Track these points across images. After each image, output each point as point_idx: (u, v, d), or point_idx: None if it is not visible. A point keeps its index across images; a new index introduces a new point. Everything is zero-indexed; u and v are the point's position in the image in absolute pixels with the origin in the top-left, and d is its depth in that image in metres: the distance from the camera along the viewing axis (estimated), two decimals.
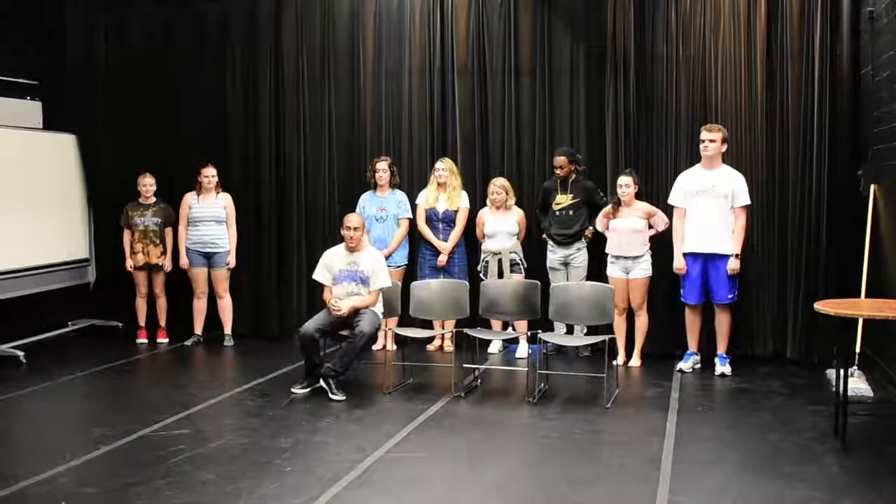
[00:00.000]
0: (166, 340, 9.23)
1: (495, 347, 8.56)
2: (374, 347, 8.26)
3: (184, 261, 9.09)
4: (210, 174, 9.04)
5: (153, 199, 9.20)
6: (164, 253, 9.20)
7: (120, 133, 9.82)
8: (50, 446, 5.83)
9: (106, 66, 9.84)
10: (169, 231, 9.22)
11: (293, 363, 8.13)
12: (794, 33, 7.92)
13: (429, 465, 5.39)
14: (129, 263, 9.18)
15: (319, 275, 7.37)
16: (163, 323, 9.32)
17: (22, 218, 8.87)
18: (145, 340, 9.24)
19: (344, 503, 4.77)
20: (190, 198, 9.10)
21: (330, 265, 7.35)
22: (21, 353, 8.37)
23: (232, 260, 9.14)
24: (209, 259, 9.07)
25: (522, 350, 8.33)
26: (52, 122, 9.59)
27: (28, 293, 8.96)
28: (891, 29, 6.93)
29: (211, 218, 9.02)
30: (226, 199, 9.14)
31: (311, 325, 7.09)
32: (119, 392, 7.35)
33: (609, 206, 7.94)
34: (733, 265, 7.49)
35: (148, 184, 9.16)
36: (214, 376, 7.90)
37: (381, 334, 8.21)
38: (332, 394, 6.79)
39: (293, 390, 6.97)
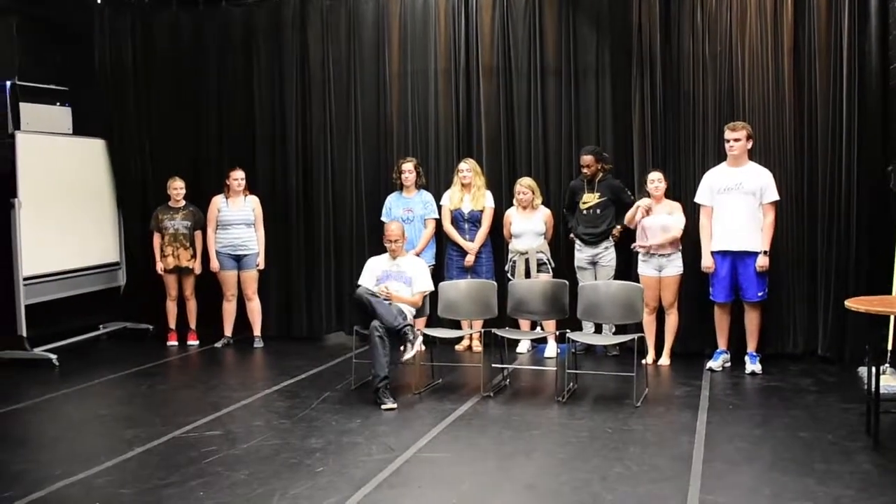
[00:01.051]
0: (196, 343, 9.31)
1: (524, 347, 8.56)
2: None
3: (214, 264, 9.15)
4: (239, 177, 9.10)
5: (183, 203, 9.28)
6: (194, 256, 9.27)
7: (148, 137, 9.95)
8: (84, 448, 5.93)
9: (134, 72, 9.95)
10: (199, 234, 9.29)
11: (322, 364, 8.21)
12: (822, 29, 7.84)
13: (459, 465, 5.41)
14: (160, 267, 9.26)
15: (364, 279, 7.47)
16: (193, 325, 9.39)
17: (54, 223, 8.99)
18: (176, 343, 9.32)
19: (375, 503, 4.80)
20: (219, 201, 9.16)
21: (374, 269, 7.49)
22: (54, 357, 8.47)
23: (261, 262, 9.20)
24: (238, 261, 9.13)
25: (551, 349, 8.33)
26: (81, 128, 9.68)
27: (60, 297, 9.07)
28: None
29: (240, 221, 9.09)
30: (254, 202, 9.20)
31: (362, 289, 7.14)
32: (151, 394, 7.41)
33: (648, 200, 7.89)
34: (762, 262, 7.45)
35: (178, 187, 9.24)
36: (244, 378, 7.95)
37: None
38: (384, 403, 6.66)
39: (384, 408, 6.65)
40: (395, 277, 7.36)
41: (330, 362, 8.33)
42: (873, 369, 5.63)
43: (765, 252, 7.47)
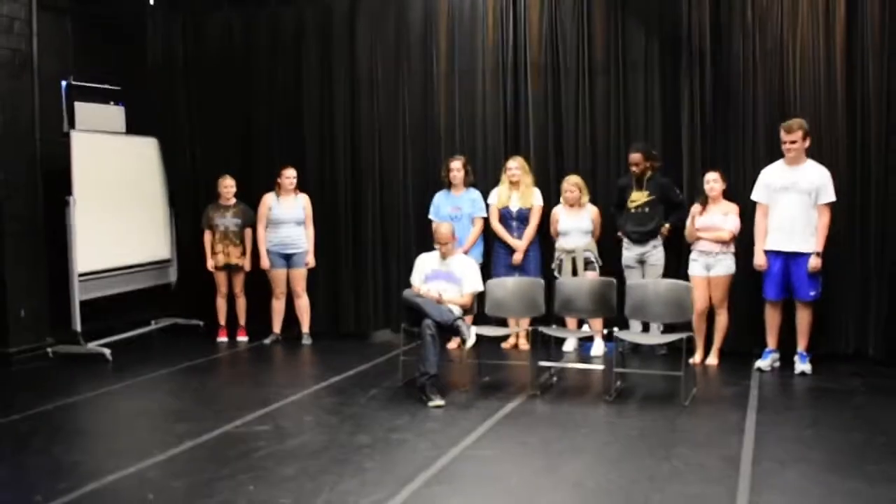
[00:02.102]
0: (246, 339, 9.42)
1: (571, 345, 8.55)
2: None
3: (265, 262, 9.23)
4: (291, 175, 9.18)
5: (233, 201, 9.39)
6: (243, 253, 9.38)
7: (199, 135, 10.10)
8: (137, 442, 6.05)
9: (185, 70, 10.11)
10: (248, 232, 9.39)
11: (370, 361, 8.27)
12: (875, 26, 7.71)
13: (506, 463, 5.42)
14: (210, 263, 9.38)
15: (414, 277, 7.55)
16: (243, 322, 9.51)
17: (108, 220, 9.15)
18: (226, 339, 9.44)
19: (423, 500, 4.83)
20: (269, 199, 9.24)
21: (422, 267, 7.53)
22: (108, 351, 8.62)
23: (311, 260, 9.28)
24: (288, 259, 9.22)
25: (598, 348, 8.31)
26: (134, 126, 9.84)
27: (114, 293, 9.24)
28: None
29: (291, 219, 9.17)
30: (304, 200, 9.28)
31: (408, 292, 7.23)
32: (201, 389, 7.52)
33: (697, 206, 7.84)
34: (814, 263, 7.36)
35: (228, 185, 9.36)
36: (293, 374, 8.03)
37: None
38: (431, 400, 6.68)
39: (431, 405, 6.67)
40: (444, 277, 7.37)
41: (377, 359, 8.38)
42: None
43: (817, 254, 7.38)
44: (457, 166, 8.73)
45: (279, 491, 4.94)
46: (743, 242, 7.84)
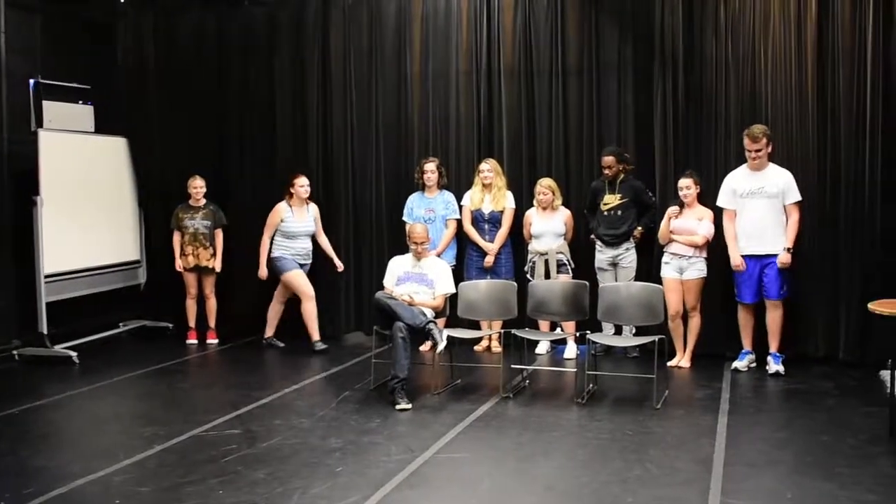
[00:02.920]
0: (216, 341, 9.33)
1: (543, 348, 8.54)
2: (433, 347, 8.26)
3: (263, 272, 8.97)
4: (305, 184, 8.92)
5: (203, 202, 9.30)
6: (213, 255, 9.29)
7: (170, 136, 9.98)
8: (104, 446, 5.95)
9: (155, 69, 10.00)
10: (219, 233, 9.31)
11: (342, 363, 8.23)
12: (846, 30, 7.77)
13: (477, 466, 5.39)
14: (179, 265, 9.28)
15: (386, 279, 7.54)
16: (212, 324, 9.41)
17: (76, 220, 9.03)
18: (195, 341, 9.34)
19: (395, 503, 4.79)
20: (283, 210, 8.92)
21: (395, 269, 7.52)
22: (74, 354, 8.50)
23: (340, 264, 9.15)
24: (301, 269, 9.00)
25: (570, 351, 8.31)
26: (103, 126, 9.73)
27: (81, 294, 9.12)
28: None
29: (305, 232, 8.94)
30: (315, 211, 9.08)
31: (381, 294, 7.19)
32: (170, 392, 7.43)
33: (675, 208, 7.85)
34: (784, 259, 7.42)
35: (198, 186, 9.26)
36: (263, 377, 7.94)
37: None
38: (398, 403, 6.64)
39: (398, 408, 6.63)
40: (417, 279, 7.36)
41: (349, 362, 8.33)
42: (895, 373, 5.57)
43: (788, 249, 7.42)
44: (430, 168, 8.70)
45: (249, 495, 4.88)
46: (715, 247, 7.87)
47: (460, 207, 8.72)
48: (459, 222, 8.70)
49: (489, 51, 8.94)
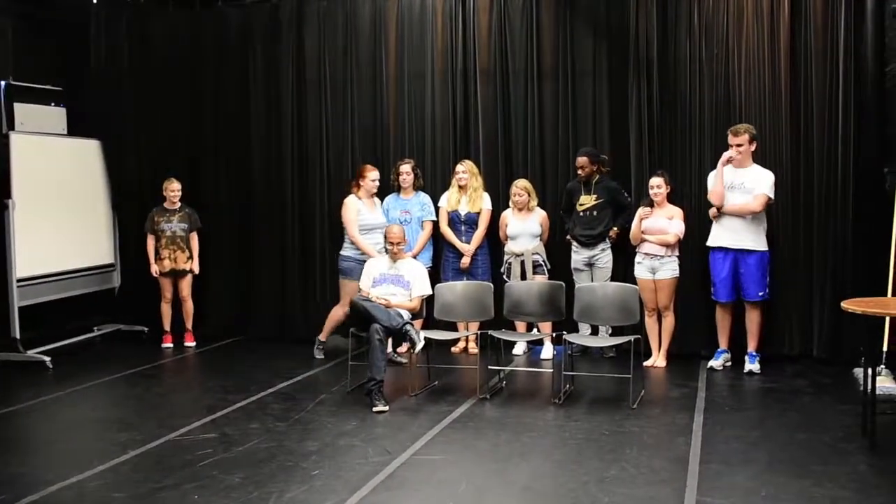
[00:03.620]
0: (194, 344, 9.27)
1: (520, 349, 8.55)
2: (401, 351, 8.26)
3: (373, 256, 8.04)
4: (377, 178, 8.49)
5: (179, 205, 9.24)
6: (190, 258, 9.24)
7: (143, 138, 9.91)
8: (78, 451, 5.90)
9: (129, 70, 9.91)
10: (194, 236, 9.26)
11: (319, 366, 8.21)
12: (818, 31, 7.86)
13: (455, 468, 5.39)
14: (155, 269, 9.21)
15: (362, 281, 7.53)
16: (189, 326, 9.36)
17: (48, 224, 8.95)
18: (171, 345, 9.28)
19: None
20: (356, 203, 8.40)
21: (371, 272, 7.51)
22: (48, 359, 8.43)
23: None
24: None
25: (547, 351, 8.33)
26: (76, 128, 9.64)
27: (54, 298, 9.04)
28: None
29: (381, 225, 8.30)
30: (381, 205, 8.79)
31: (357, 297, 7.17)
32: (146, 397, 7.38)
33: (646, 209, 7.89)
34: (713, 212, 7.62)
35: (175, 189, 9.20)
36: (239, 380, 7.87)
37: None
38: (375, 405, 6.63)
39: (375, 410, 6.61)
40: (393, 281, 7.35)
41: (325, 365, 8.31)
42: (869, 371, 5.62)
43: (718, 209, 7.59)
44: (406, 170, 8.69)
45: (225, 500, 4.85)
46: (688, 245, 7.91)
47: (437, 209, 8.71)
48: (436, 224, 8.69)
49: (465, 52, 8.93)
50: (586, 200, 8.21)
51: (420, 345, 6.88)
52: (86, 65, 9.90)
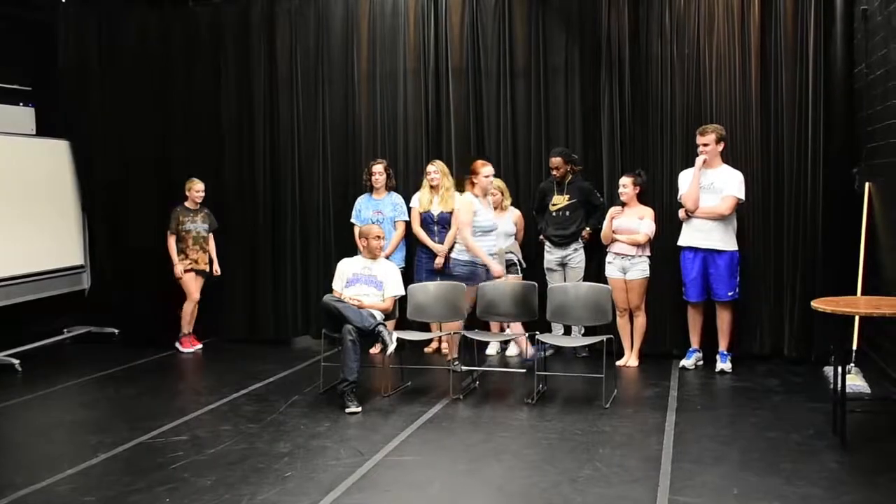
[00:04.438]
0: (200, 347, 9.13)
1: (493, 349, 8.55)
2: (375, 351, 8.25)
3: (500, 270, 7.71)
4: (490, 172, 7.76)
5: (199, 205, 9.12)
6: (210, 260, 9.13)
7: (114, 138, 9.81)
8: (48, 455, 5.83)
9: (99, 71, 9.82)
10: (211, 237, 9.15)
11: (291, 367, 8.18)
12: (789, 32, 7.91)
13: (428, 468, 5.38)
14: (179, 270, 8.99)
15: (335, 282, 7.49)
16: (190, 329, 9.19)
17: (16, 225, 8.86)
18: (192, 349, 9.04)
19: None
20: (473, 202, 7.65)
21: (344, 271, 7.47)
22: (16, 361, 8.34)
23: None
24: None
25: (513, 349, 8.40)
26: (45, 128, 9.55)
27: (23, 300, 8.94)
28: (884, 26, 6.94)
29: (494, 228, 7.82)
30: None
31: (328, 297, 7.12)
32: (116, 399, 7.32)
33: (617, 208, 7.92)
34: (682, 213, 7.66)
35: (199, 189, 9.05)
36: (211, 382, 7.83)
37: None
38: (348, 407, 6.62)
39: (347, 412, 6.62)
40: (366, 281, 7.33)
41: (298, 366, 8.28)
42: (839, 369, 5.66)
43: (687, 212, 7.63)
44: (378, 170, 8.66)
45: (196, 502, 4.83)
46: (659, 245, 7.94)
47: (409, 209, 8.69)
48: (408, 224, 8.68)
49: (437, 51, 8.92)
50: (559, 200, 8.22)
51: (392, 346, 6.86)
52: (54, 64, 9.81)
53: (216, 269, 9.18)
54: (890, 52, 6.73)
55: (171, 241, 9.04)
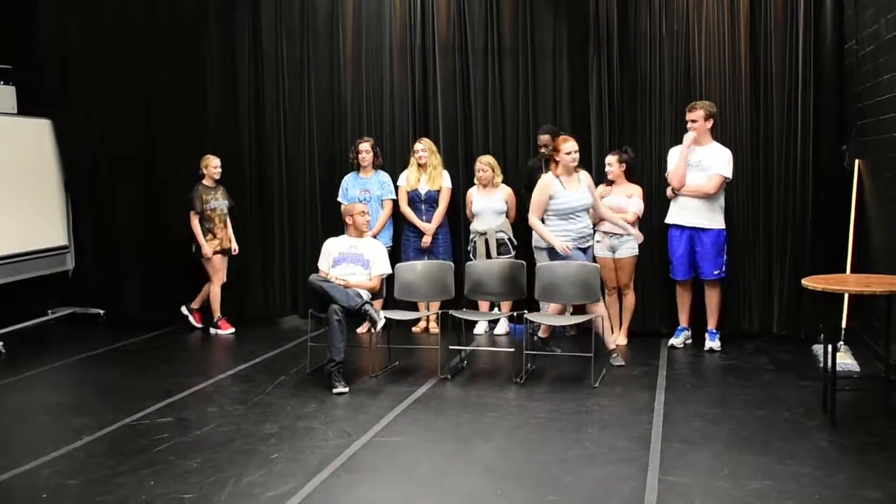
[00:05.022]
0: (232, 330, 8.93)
1: (481, 328, 8.51)
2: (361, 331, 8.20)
3: (563, 245, 7.19)
4: (571, 149, 7.21)
5: (215, 183, 8.93)
6: (230, 238, 8.96)
7: (97, 116, 9.68)
8: (31, 437, 5.77)
9: (82, 49, 9.66)
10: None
11: (277, 347, 8.11)
12: (778, 8, 7.85)
13: (416, 449, 5.34)
14: (207, 250, 8.75)
15: (321, 262, 7.41)
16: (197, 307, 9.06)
17: None
18: (231, 330, 8.86)
19: (332, 489, 4.71)
20: (552, 183, 7.24)
21: (330, 251, 7.39)
22: (0, 343, 8.24)
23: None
24: None
25: (502, 327, 8.40)
26: (26, 107, 9.40)
27: (5, 281, 8.83)
28: (874, 2, 6.88)
29: (584, 207, 7.33)
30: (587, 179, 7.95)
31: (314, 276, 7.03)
32: (101, 381, 7.24)
33: (605, 187, 7.87)
34: (669, 191, 7.61)
35: (216, 165, 8.85)
36: (197, 363, 7.75)
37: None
38: (335, 387, 6.56)
39: (335, 391, 6.55)
40: (352, 260, 7.26)
41: (285, 346, 8.21)
42: (829, 347, 5.64)
43: (673, 190, 7.59)
44: (365, 148, 8.58)
45: (182, 485, 4.76)
46: (648, 223, 7.90)
47: (396, 188, 8.62)
48: (395, 203, 8.60)
49: (423, 28, 8.82)
50: None
51: (380, 324, 6.81)
52: (37, 42, 9.64)
53: (234, 247, 9.01)
54: (881, 28, 6.68)
55: (195, 222, 8.78)
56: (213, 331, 8.89)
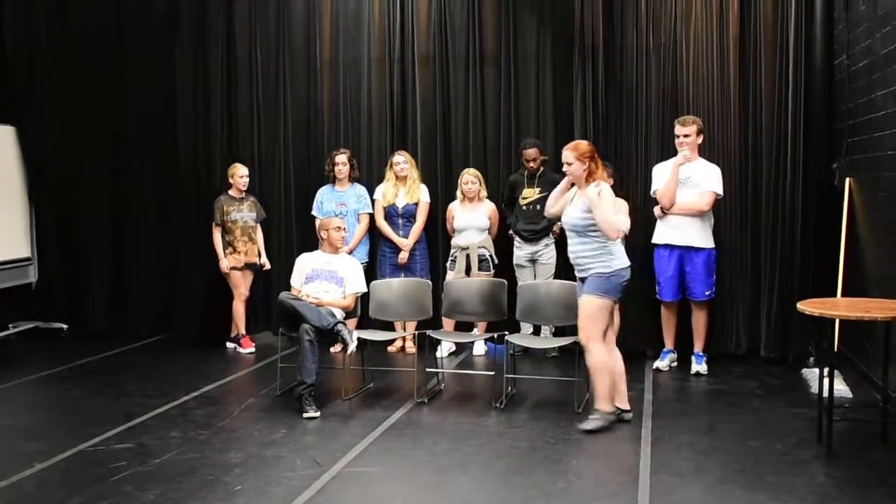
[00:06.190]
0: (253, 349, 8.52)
1: (446, 351, 8.16)
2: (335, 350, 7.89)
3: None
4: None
5: (244, 193, 8.55)
6: (260, 252, 8.57)
7: (63, 122, 9.34)
8: None
9: (48, 52, 9.33)
10: (258, 227, 8.58)
11: (247, 367, 7.81)
12: (768, 21, 7.69)
13: (390, 480, 5.04)
14: (225, 264, 8.38)
15: (294, 278, 7.11)
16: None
17: None
18: (252, 349, 8.45)
19: None
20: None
21: (302, 267, 7.10)
22: None
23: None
24: None
25: (479, 347, 8.13)
26: None
27: None
28: (868, 16, 6.69)
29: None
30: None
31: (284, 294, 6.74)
32: (59, 401, 6.90)
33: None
34: (657, 210, 7.37)
35: (244, 174, 8.47)
36: (161, 383, 7.34)
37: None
38: (306, 411, 6.23)
39: (305, 416, 6.23)
40: (326, 277, 6.95)
41: (255, 365, 7.89)
42: (825, 374, 5.37)
43: (661, 209, 7.32)
44: (342, 160, 8.29)
45: None
46: (634, 241, 7.63)
47: (373, 202, 8.33)
48: (372, 217, 8.31)
49: (403, 37, 8.57)
50: (529, 194, 7.90)
51: (353, 345, 6.49)
52: (0, 46, 9.29)
53: (265, 261, 8.61)
54: (875, 43, 6.48)
55: (217, 234, 8.41)
56: (230, 345, 8.55)
